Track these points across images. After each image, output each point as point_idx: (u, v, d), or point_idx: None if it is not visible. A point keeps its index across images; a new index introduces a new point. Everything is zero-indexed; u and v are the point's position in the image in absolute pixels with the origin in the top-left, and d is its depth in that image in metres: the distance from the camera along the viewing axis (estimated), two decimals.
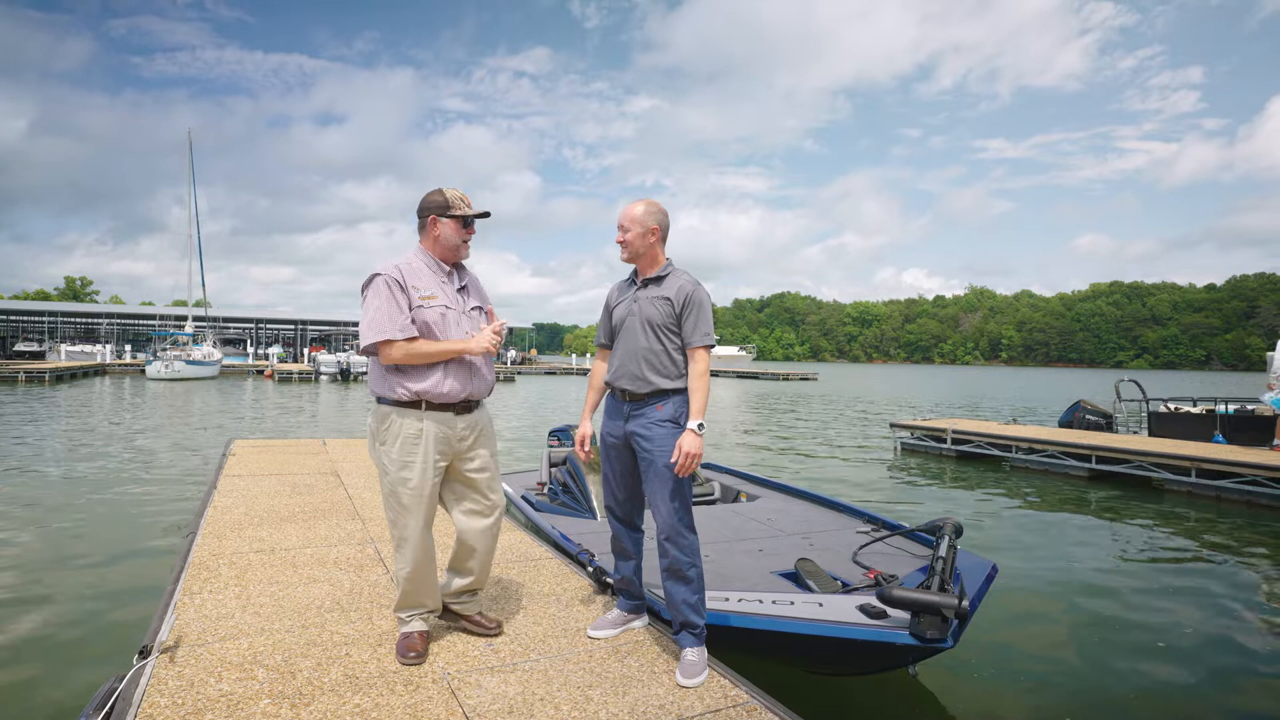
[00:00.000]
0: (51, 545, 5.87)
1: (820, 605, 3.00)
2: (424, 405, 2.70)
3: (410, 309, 2.67)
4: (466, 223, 2.81)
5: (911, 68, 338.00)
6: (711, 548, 4.09)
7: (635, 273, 2.96)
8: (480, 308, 2.92)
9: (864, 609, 2.90)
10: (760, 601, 3.06)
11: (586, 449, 3.05)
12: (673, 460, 2.67)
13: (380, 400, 2.74)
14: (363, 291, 2.70)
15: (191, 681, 2.42)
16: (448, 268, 2.84)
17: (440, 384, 2.70)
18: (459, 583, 2.93)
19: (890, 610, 2.80)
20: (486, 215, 2.87)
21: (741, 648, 3.07)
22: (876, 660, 2.89)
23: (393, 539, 2.77)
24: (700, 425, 2.69)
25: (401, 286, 2.67)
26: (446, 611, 2.98)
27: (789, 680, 3.36)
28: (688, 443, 2.66)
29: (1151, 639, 4.32)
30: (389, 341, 2.62)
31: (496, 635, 2.93)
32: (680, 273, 2.89)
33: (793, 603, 3.04)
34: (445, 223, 2.77)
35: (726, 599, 3.09)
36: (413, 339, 2.65)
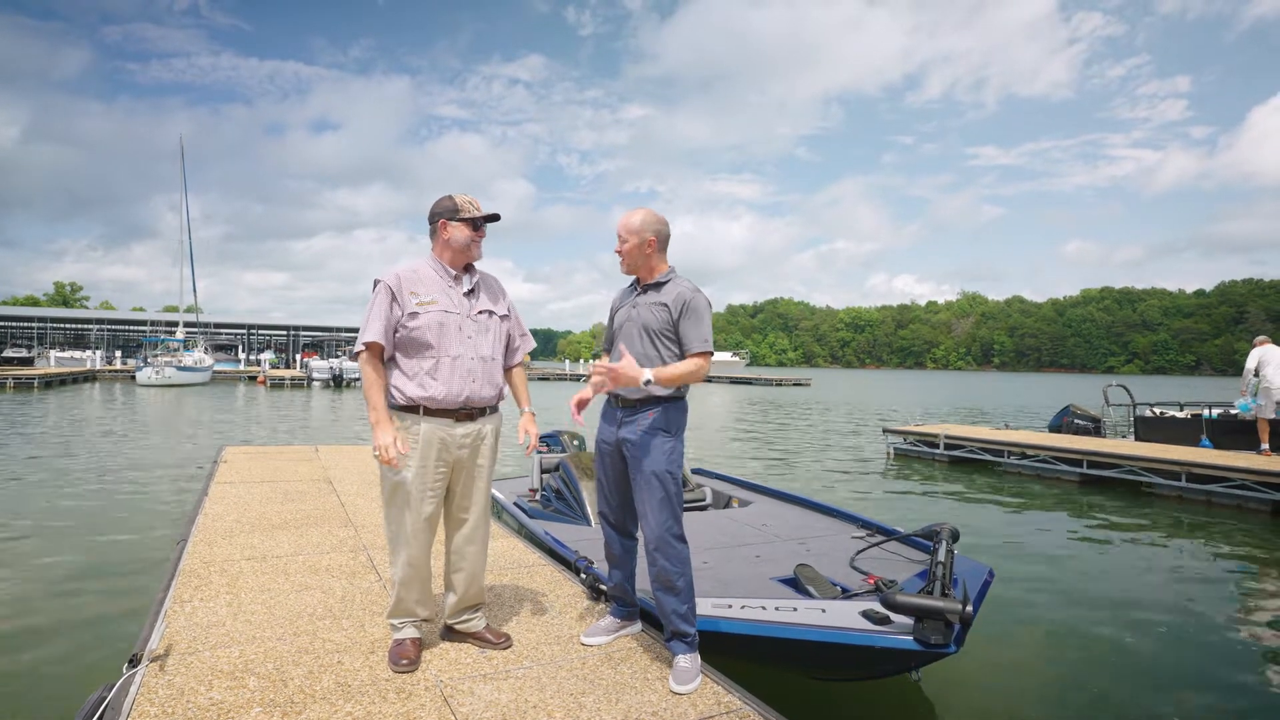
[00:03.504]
0: (40, 552, 5.82)
1: (823, 611, 3.00)
2: (422, 410, 2.71)
3: (404, 314, 2.69)
4: (476, 225, 2.82)
5: (900, 78, 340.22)
6: (709, 554, 4.08)
7: (637, 279, 2.97)
8: (492, 311, 2.89)
9: (867, 614, 2.90)
10: (763, 608, 3.05)
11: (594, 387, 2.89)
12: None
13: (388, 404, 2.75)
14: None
15: (182, 690, 2.41)
16: (455, 271, 2.85)
17: (433, 388, 2.70)
18: (453, 600, 2.91)
19: (893, 615, 2.81)
20: (496, 218, 2.87)
21: (744, 654, 3.07)
22: (880, 666, 2.90)
23: (389, 543, 2.77)
24: (649, 381, 2.64)
25: (394, 292, 2.70)
26: (452, 632, 2.95)
27: (783, 686, 3.35)
28: (628, 367, 2.64)
29: (1149, 642, 4.34)
30: (371, 345, 2.68)
31: (507, 648, 2.88)
32: (681, 280, 2.87)
33: (795, 609, 3.04)
34: (455, 226, 2.79)
35: (729, 605, 3.09)
36: (380, 348, 2.70)
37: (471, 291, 2.86)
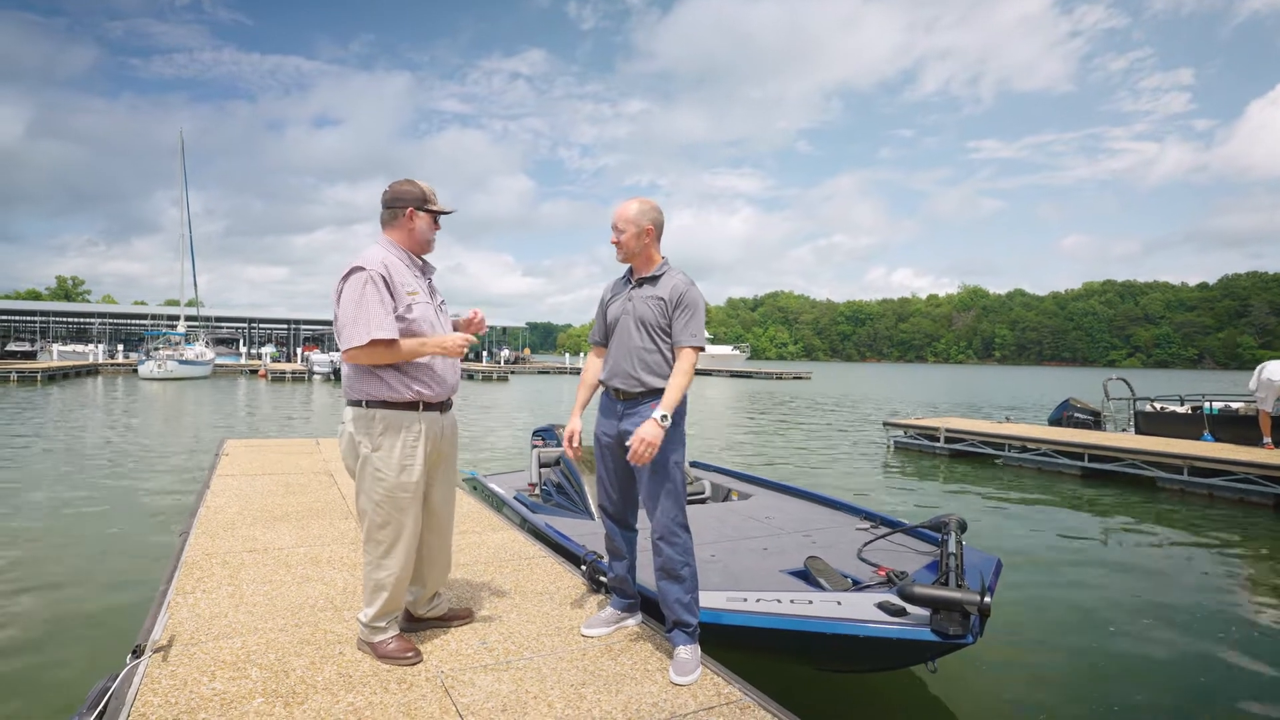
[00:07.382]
0: (43, 545, 5.84)
1: (839, 604, 2.99)
2: (421, 406, 2.68)
3: (397, 306, 2.59)
4: (435, 218, 2.79)
5: (896, 73, 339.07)
6: (715, 547, 4.08)
7: (630, 271, 2.96)
8: (444, 301, 2.89)
9: (883, 606, 2.89)
10: (778, 601, 3.05)
11: (575, 445, 3.02)
12: (629, 445, 2.65)
13: (368, 403, 2.61)
14: (341, 284, 2.56)
15: (185, 681, 2.42)
16: (420, 261, 2.80)
17: (433, 383, 2.69)
18: (423, 590, 2.93)
19: (909, 607, 2.81)
20: (453, 212, 2.85)
21: (758, 647, 3.07)
22: (897, 658, 2.90)
23: (380, 545, 2.65)
24: (665, 416, 2.64)
25: (388, 283, 2.57)
26: (417, 621, 2.95)
27: (784, 678, 3.36)
28: (646, 430, 2.61)
29: (1157, 633, 4.36)
30: (380, 341, 2.51)
31: (470, 619, 3.04)
32: (675, 272, 2.88)
33: (811, 601, 3.03)
34: (422, 216, 2.73)
35: (744, 599, 3.08)
36: (393, 341, 2.55)
37: (430, 282, 2.83)
